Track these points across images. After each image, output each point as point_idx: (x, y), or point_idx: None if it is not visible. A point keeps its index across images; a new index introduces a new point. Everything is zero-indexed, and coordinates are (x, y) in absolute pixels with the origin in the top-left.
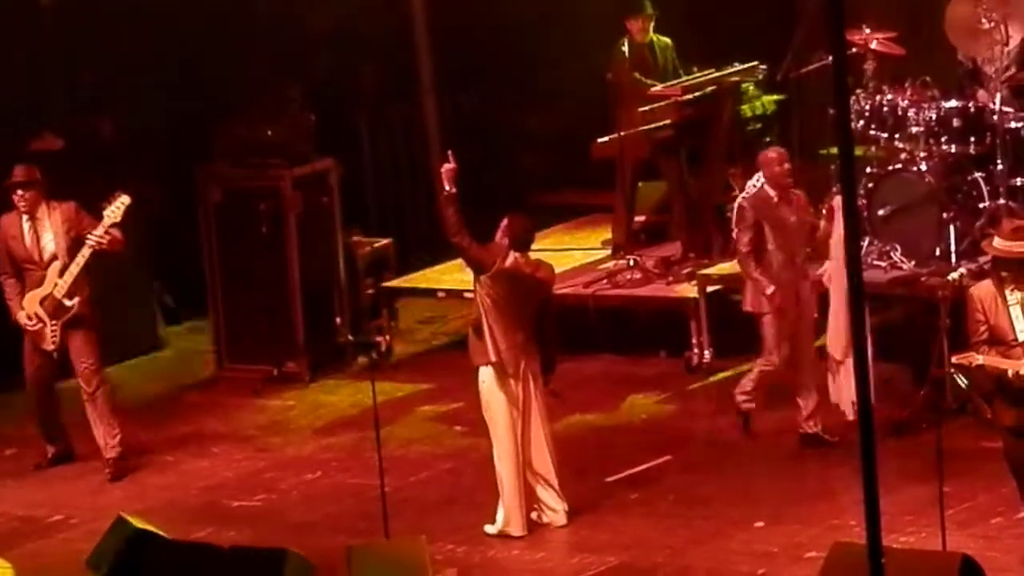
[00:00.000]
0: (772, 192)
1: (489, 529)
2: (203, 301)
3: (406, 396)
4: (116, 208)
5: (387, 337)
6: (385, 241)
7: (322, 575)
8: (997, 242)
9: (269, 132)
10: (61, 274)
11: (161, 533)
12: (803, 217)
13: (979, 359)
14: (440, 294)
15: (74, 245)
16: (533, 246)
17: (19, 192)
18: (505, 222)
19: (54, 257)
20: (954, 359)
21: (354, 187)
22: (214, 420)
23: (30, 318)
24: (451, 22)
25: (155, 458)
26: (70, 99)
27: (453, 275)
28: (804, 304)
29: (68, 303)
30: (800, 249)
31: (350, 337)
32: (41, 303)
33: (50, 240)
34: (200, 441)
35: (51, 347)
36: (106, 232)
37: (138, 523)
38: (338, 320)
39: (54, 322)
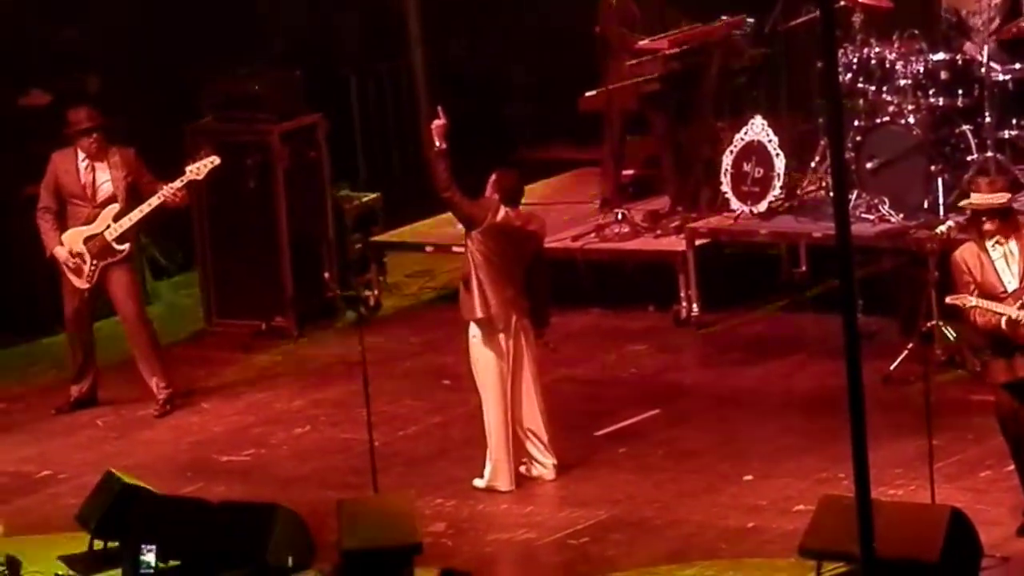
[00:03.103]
0: None
1: (477, 483)
2: (191, 256)
3: (395, 350)
4: (202, 166)
5: (375, 292)
6: (373, 195)
7: (311, 529)
8: (975, 197)
9: (256, 87)
10: (116, 219)
11: (150, 488)
12: None
13: (972, 300)
14: (428, 248)
15: (130, 192)
16: (523, 201)
17: (93, 137)
18: (493, 177)
19: (111, 199)
20: (948, 299)
21: (342, 141)
22: (203, 375)
23: (71, 254)
24: None
25: (144, 413)
26: (56, 55)
27: (441, 229)
28: None
29: (118, 247)
30: None
31: (338, 292)
32: (86, 241)
33: (107, 182)
34: (189, 396)
35: (85, 285)
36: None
37: (127, 478)
38: (326, 275)
39: (95, 262)
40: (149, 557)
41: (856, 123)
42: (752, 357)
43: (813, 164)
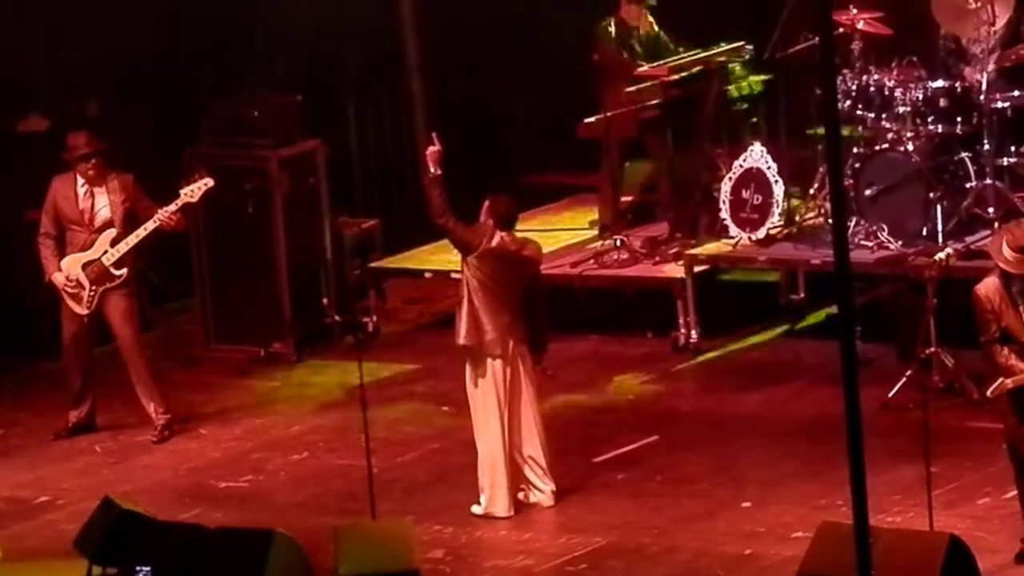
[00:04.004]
0: None
1: (476, 510)
2: (190, 281)
3: (393, 376)
4: (196, 189)
5: (374, 317)
6: (372, 222)
7: (309, 555)
8: (1007, 252)
9: (256, 113)
10: (113, 244)
11: (148, 514)
12: None
13: (1009, 383)
14: (427, 275)
15: (127, 217)
16: (519, 226)
17: (91, 162)
18: (487, 203)
19: (108, 224)
20: (988, 393)
21: (341, 167)
22: (201, 401)
23: (69, 280)
24: (436, 1)
25: (142, 439)
26: (55, 80)
27: (440, 256)
28: None
29: (116, 272)
30: None
31: (337, 317)
32: (84, 267)
33: (105, 206)
34: (187, 422)
35: (84, 311)
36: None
37: (125, 504)
38: (325, 301)
39: (94, 287)
40: None
41: (855, 150)
42: (750, 383)
43: (812, 191)
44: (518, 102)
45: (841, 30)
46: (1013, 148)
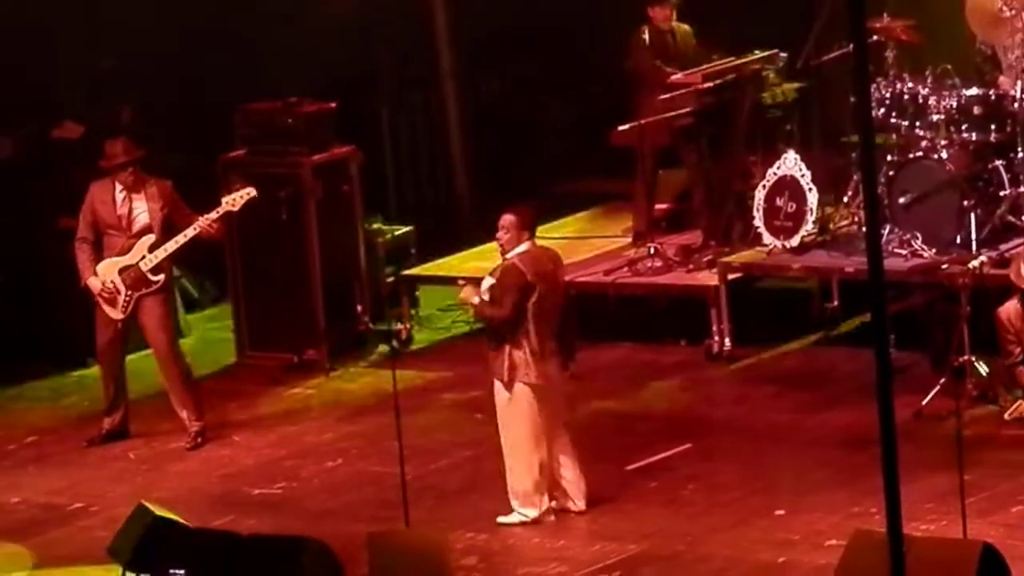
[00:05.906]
0: None
1: (506, 519)
2: (224, 289)
3: (426, 384)
4: (238, 198)
5: (407, 325)
6: (405, 229)
7: (342, 563)
8: None
9: (289, 120)
10: (151, 250)
11: (182, 520)
12: None
13: None
14: (460, 282)
15: (165, 223)
16: (554, 234)
17: (129, 170)
18: (513, 217)
19: (146, 229)
20: (1007, 416)
21: (374, 174)
22: (234, 408)
23: (105, 284)
24: (469, 7)
25: (175, 446)
26: (90, 86)
27: (473, 263)
28: None
29: (153, 278)
30: None
31: (370, 325)
32: (120, 272)
33: (143, 212)
34: (220, 429)
35: (119, 316)
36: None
37: (159, 511)
38: (358, 308)
39: (130, 292)
40: None
41: (889, 158)
42: (784, 392)
43: (846, 199)
44: (552, 108)
45: (875, 38)
46: None
